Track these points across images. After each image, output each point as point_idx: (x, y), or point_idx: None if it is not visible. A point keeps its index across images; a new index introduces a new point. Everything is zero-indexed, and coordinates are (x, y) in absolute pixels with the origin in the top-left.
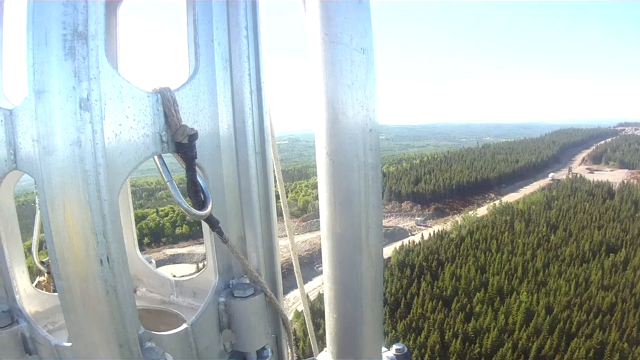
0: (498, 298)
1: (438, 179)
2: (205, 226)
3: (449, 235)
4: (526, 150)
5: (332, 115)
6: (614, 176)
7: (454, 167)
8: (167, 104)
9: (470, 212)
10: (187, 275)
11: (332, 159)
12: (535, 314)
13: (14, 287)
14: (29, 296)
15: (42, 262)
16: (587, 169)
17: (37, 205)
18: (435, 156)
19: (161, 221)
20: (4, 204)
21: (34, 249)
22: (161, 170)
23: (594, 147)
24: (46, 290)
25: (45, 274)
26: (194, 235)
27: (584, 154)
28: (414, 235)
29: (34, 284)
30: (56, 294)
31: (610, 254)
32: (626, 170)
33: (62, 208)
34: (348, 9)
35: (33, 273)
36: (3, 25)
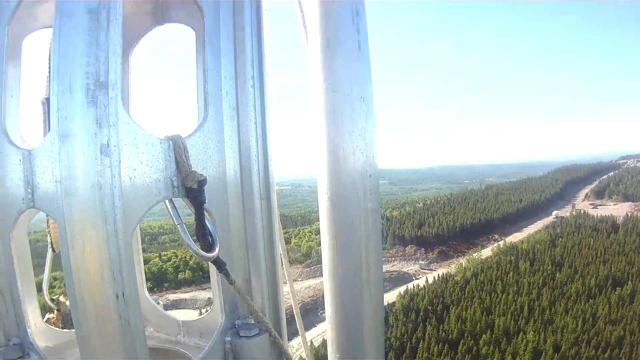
0: (505, 339)
1: (441, 222)
2: (212, 268)
3: (453, 278)
4: (529, 190)
5: (333, 162)
6: (617, 210)
7: (458, 210)
8: (178, 150)
9: (474, 254)
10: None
11: (334, 204)
12: (543, 353)
13: (25, 321)
14: (39, 331)
15: (52, 300)
16: (590, 204)
17: (49, 243)
18: (439, 199)
19: (164, 266)
20: (19, 241)
21: (45, 286)
22: (172, 213)
23: (596, 182)
24: (55, 327)
25: (55, 311)
26: (197, 281)
27: (587, 189)
28: (418, 279)
29: (44, 320)
30: (66, 330)
31: (617, 288)
32: (630, 202)
33: (82, 245)
34: (348, 58)
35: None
36: (21, 66)
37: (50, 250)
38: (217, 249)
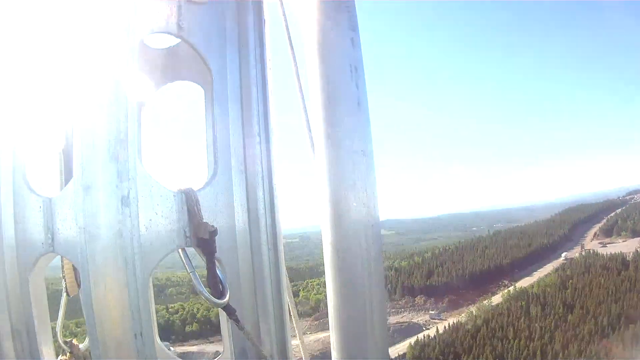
0: None
1: (450, 270)
2: (222, 314)
3: (464, 327)
4: (537, 233)
5: (336, 214)
6: (627, 246)
7: (466, 257)
8: (190, 203)
9: (484, 301)
10: None
11: (338, 253)
12: None
13: None
14: None
15: (65, 342)
16: (599, 243)
17: (63, 288)
18: (447, 247)
19: (171, 318)
20: (37, 284)
21: (59, 329)
22: (185, 262)
23: (604, 221)
24: None
25: (68, 353)
26: (205, 334)
27: (595, 228)
28: (428, 329)
29: None
30: None
31: (630, 325)
32: (639, 238)
33: (104, 287)
34: (349, 113)
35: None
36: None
37: (64, 294)
38: (227, 296)
